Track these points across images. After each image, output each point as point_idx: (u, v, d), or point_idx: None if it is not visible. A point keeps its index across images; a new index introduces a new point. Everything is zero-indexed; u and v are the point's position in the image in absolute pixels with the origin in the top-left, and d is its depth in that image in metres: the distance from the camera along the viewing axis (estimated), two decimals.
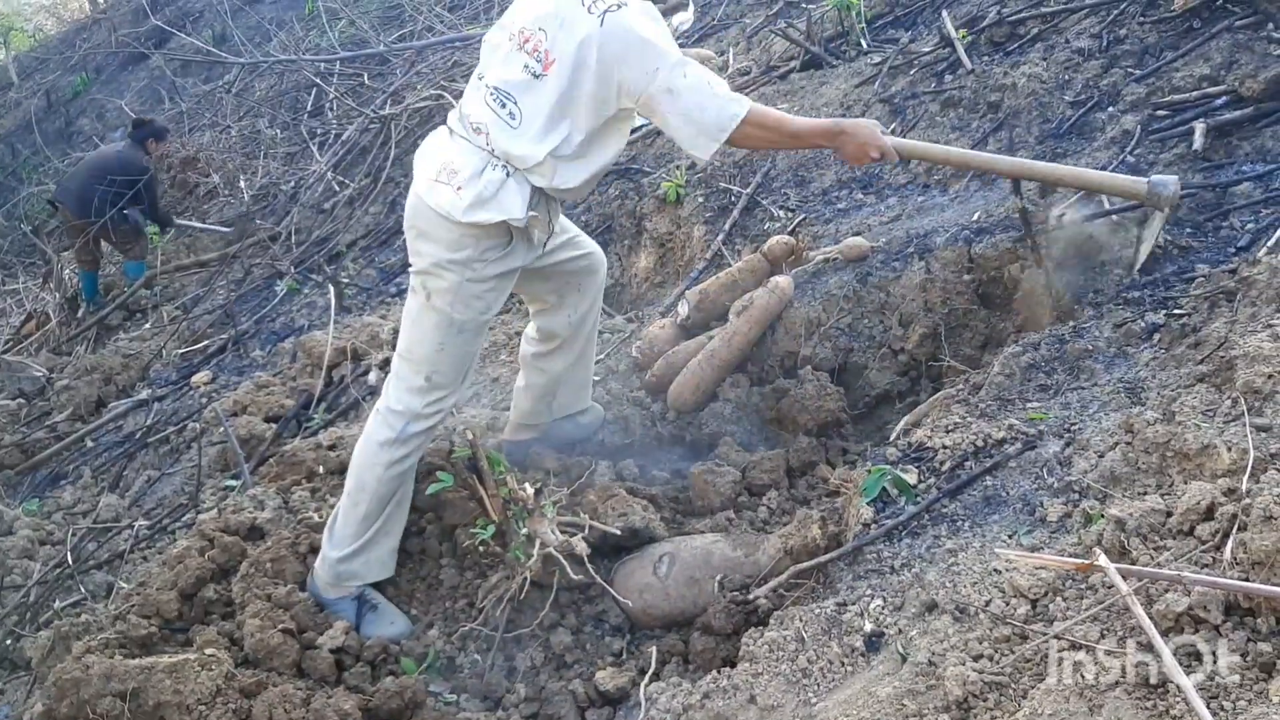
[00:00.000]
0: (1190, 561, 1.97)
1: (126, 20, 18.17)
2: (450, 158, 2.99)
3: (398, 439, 3.14)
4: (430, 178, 3.00)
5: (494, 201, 2.90)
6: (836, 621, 2.38)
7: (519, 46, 2.91)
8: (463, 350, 3.15)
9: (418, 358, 3.13)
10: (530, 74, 2.87)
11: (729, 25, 7.42)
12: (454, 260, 2.99)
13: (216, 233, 8.99)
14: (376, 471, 3.16)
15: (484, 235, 2.97)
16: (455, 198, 2.92)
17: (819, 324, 3.92)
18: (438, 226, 2.99)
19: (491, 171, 2.91)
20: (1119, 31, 4.42)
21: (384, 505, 3.20)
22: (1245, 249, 3.08)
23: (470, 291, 3.04)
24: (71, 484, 5.44)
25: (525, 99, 2.88)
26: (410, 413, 3.14)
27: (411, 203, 3.10)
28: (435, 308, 3.07)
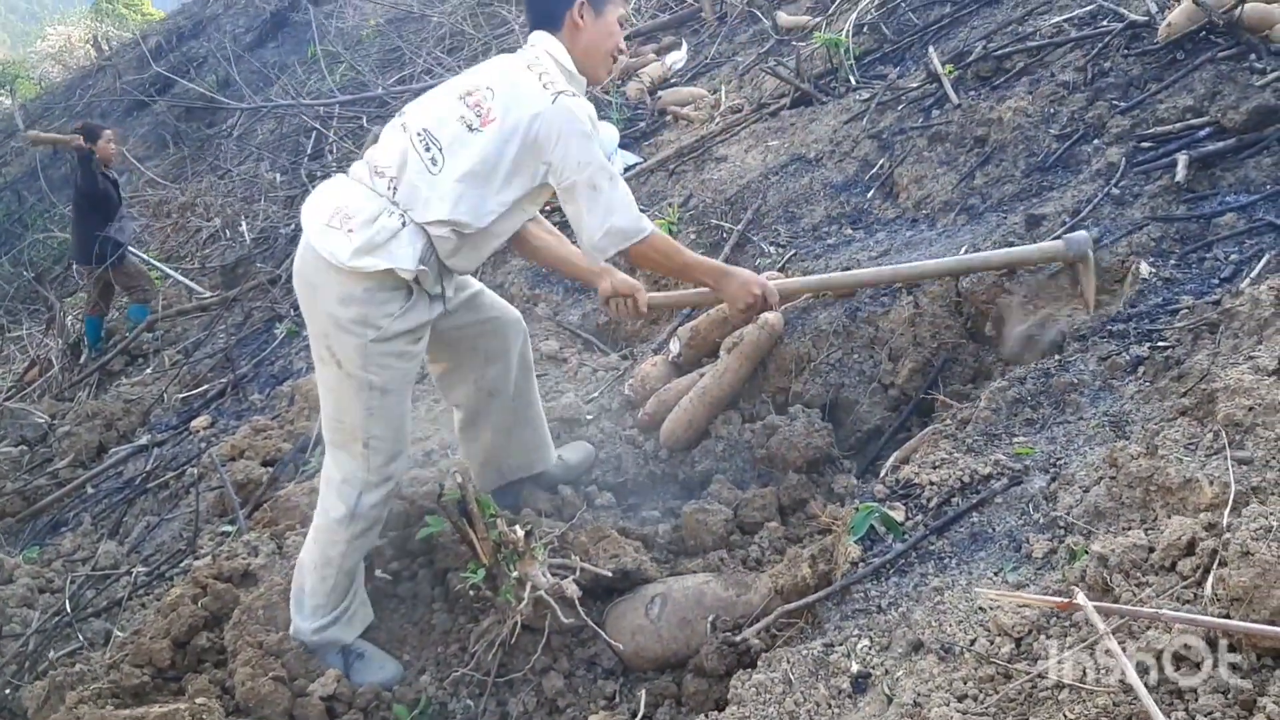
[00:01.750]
0: (1172, 598, 1.96)
1: (131, 67, 18.39)
2: (345, 202, 2.92)
3: (354, 514, 3.07)
4: (322, 222, 2.91)
5: (383, 249, 2.83)
6: (824, 662, 2.37)
7: (460, 99, 2.92)
8: (394, 411, 3.06)
9: (349, 426, 3.03)
10: (465, 125, 2.88)
11: (721, 64, 7.50)
12: (351, 319, 2.89)
13: (195, 291, 9.03)
14: (340, 548, 3.09)
15: (375, 287, 2.88)
16: (345, 240, 2.84)
17: (809, 360, 3.93)
18: (326, 276, 2.89)
19: (387, 219, 2.85)
20: (1103, 64, 4.46)
21: (353, 579, 3.16)
22: (1229, 280, 3.09)
23: (378, 352, 2.94)
24: (71, 531, 5.45)
25: (453, 148, 2.87)
26: (359, 482, 3.06)
27: (300, 253, 2.99)
28: (349, 374, 2.96)
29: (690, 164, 5.85)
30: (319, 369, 3.07)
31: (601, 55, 3.12)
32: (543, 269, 5.33)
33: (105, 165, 8.74)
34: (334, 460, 3.11)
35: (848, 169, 5.01)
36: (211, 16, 19.73)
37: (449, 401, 3.62)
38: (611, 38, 3.12)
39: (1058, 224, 3.74)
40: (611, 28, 3.11)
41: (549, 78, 2.91)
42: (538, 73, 2.92)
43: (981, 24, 5.53)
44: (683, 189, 5.61)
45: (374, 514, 3.12)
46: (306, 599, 3.17)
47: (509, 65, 2.99)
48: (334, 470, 3.10)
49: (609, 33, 3.10)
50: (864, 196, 4.79)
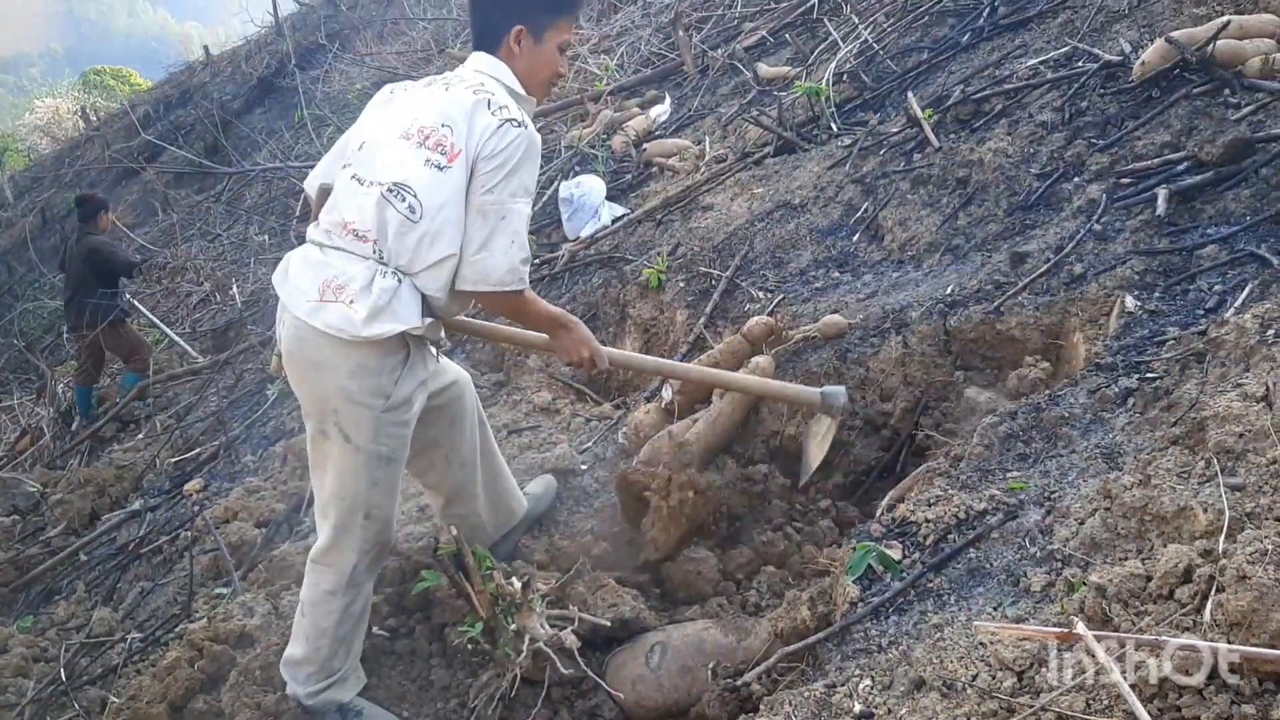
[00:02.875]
0: (1171, 625, 1.96)
1: (119, 136, 18.57)
2: (333, 273, 2.81)
3: (348, 583, 3.02)
4: (312, 299, 2.80)
5: (388, 311, 2.76)
6: (826, 704, 2.36)
7: (419, 144, 2.82)
8: (394, 478, 3.02)
9: (351, 500, 2.95)
10: (434, 167, 2.77)
11: (704, 115, 7.59)
12: (365, 391, 2.82)
13: (189, 355, 9.06)
14: (334, 618, 3.03)
15: (384, 353, 2.82)
16: (349, 312, 2.74)
17: None
18: (332, 352, 2.80)
19: (382, 279, 2.77)
20: (1080, 104, 4.53)
21: (347, 644, 3.10)
22: (1214, 310, 3.12)
23: (389, 421, 2.89)
24: (65, 599, 5.39)
25: (426, 192, 2.76)
26: (356, 552, 3.00)
27: (291, 334, 2.87)
28: (359, 448, 2.88)
29: (677, 214, 5.90)
30: (320, 446, 2.96)
31: (538, 82, 3.05)
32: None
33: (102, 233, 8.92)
34: (330, 536, 3.02)
35: (832, 214, 5.06)
36: (199, 85, 19.95)
37: (426, 486, 3.53)
38: (549, 65, 3.04)
39: (1042, 260, 3.78)
40: (549, 55, 3.02)
41: (497, 104, 2.83)
42: (485, 99, 2.83)
43: (959, 69, 5.62)
44: (670, 238, 5.65)
45: (364, 579, 3.09)
46: (301, 668, 3.11)
47: (456, 97, 2.87)
48: (329, 544, 3.02)
49: (547, 60, 3.03)
50: (850, 240, 4.83)
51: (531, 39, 2.98)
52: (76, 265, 8.67)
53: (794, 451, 3.99)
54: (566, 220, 6.57)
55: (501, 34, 2.96)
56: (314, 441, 2.98)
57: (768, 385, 3.72)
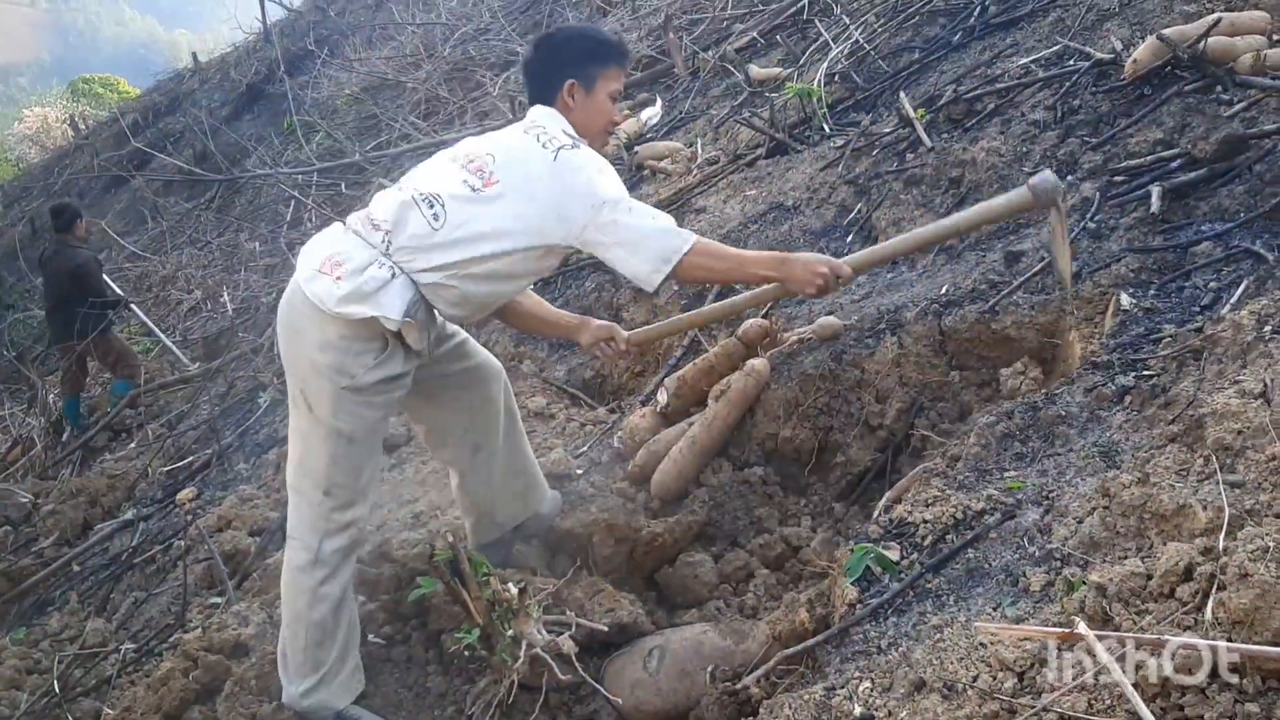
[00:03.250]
0: (1173, 624, 1.95)
1: (108, 144, 18.53)
2: (338, 250, 2.96)
3: (316, 560, 3.04)
4: (313, 268, 2.95)
5: (371, 298, 2.85)
6: (826, 707, 2.34)
7: (462, 166, 2.97)
8: (358, 461, 3.06)
9: (312, 472, 3.04)
10: (469, 188, 2.92)
11: (696, 117, 7.58)
12: (327, 365, 2.91)
13: (182, 363, 9.03)
14: (305, 598, 3.06)
15: (354, 336, 2.90)
16: (333, 286, 2.86)
17: (797, 404, 3.93)
18: (309, 320, 2.92)
19: (377, 269, 2.88)
20: (1073, 102, 4.52)
21: (327, 633, 3.09)
22: (1209, 307, 3.11)
23: (350, 400, 2.96)
24: (58, 610, 5.36)
25: (455, 207, 2.90)
26: (319, 530, 3.05)
27: (287, 295, 3.02)
28: (319, 419, 2.97)
29: (670, 216, 5.88)
30: (292, 412, 3.09)
31: (595, 132, 3.17)
32: None
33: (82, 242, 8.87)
34: (295, 506, 3.11)
35: (826, 215, 5.05)
36: (187, 92, 19.92)
37: (441, 461, 3.62)
38: (603, 114, 3.17)
39: (1036, 259, 3.77)
40: (602, 105, 3.14)
41: (547, 136, 2.96)
42: (535, 134, 2.97)
43: (950, 68, 5.62)
44: None
45: (335, 561, 3.08)
46: (289, 659, 3.14)
47: (509, 134, 3.07)
48: (295, 517, 3.11)
49: (600, 110, 3.15)
50: (843, 241, 4.82)
51: (584, 91, 3.11)
52: (61, 279, 8.60)
53: (789, 453, 3.98)
54: None
55: (555, 90, 3.10)
56: (291, 410, 3.11)
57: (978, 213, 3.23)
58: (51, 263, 8.73)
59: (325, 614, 3.08)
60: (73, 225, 8.73)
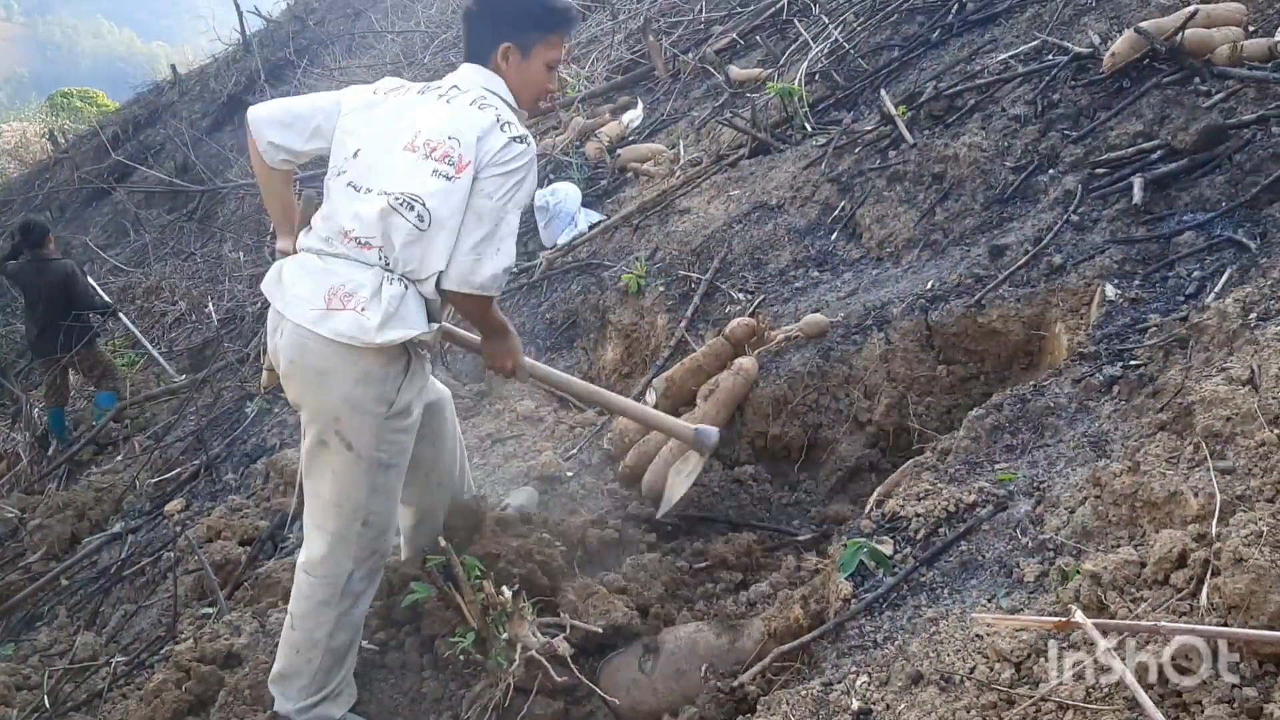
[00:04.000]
0: (1168, 610, 1.96)
1: (88, 158, 18.41)
2: (339, 280, 2.80)
3: (342, 593, 2.97)
4: (318, 307, 2.78)
5: (398, 317, 2.77)
6: (824, 702, 2.34)
7: (425, 156, 2.83)
8: (394, 485, 3.01)
9: (350, 508, 2.92)
10: (443, 178, 2.79)
11: (678, 119, 7.58)
12: (370, 399, 2.81)
13: (168, 374, 8.98)
14: (326, 628, 2.98)
15: (388, 360, 2.82)
16: (361, 319, 2.73)
17: (786, 402, 3.94)
18: (340, 360, 2.79)
19: (390, 286, 2.78)
20: (1052, 96, 4.55)
21: (342, 658, 3.05)
22: (1194, 296, 3.13)
23: (391, 428, 2.89)
24: (47, 625, 5.32)
25: (436, 200, 2.78)
26: (353, 559, 2.96)
27: (293, 343, 2.84)
28: (361, 455, 2.86)
29: (654, 218, 5.89)
30: (317, 454, 2.92)
31: (526, 100, 3.08)
32: None
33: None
34: (324, 544, 2.97)
35: (810, 213, 5.06)
36: (167, 104, 19.82)
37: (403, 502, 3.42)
38: (536, 84, 3.07)
39: (1020, 253, 3.79)
40: (536, 73, 3.04)
41: (500, 116, 2.88)
42: (494, 116, 2.87)
43: (930, 65, 5.64)
44: (648, 243, 5.64)
45: (361, 589, 3.04)
46: (292, 682, 3.06)
47: (460, 111, 2.89)
48: (323, 554, 2.97)
49: (534, 77, 3.05)
50: (828, 239, 4.83)
51: (519, 55, 3.01)
52: (53, 291, 8.55)
53: (779, 451, 3.99)
54: (543, 228, 6.55)
55: (489, 51, 3.00)
56: (312, 451, 2.94)
57: (654, 417, 3.78)
58: (40, 277, 8.67)
59: (345, 641, 3.05)
60: (45, 240, 8.70)
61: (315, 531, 3.00)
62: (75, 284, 8.60)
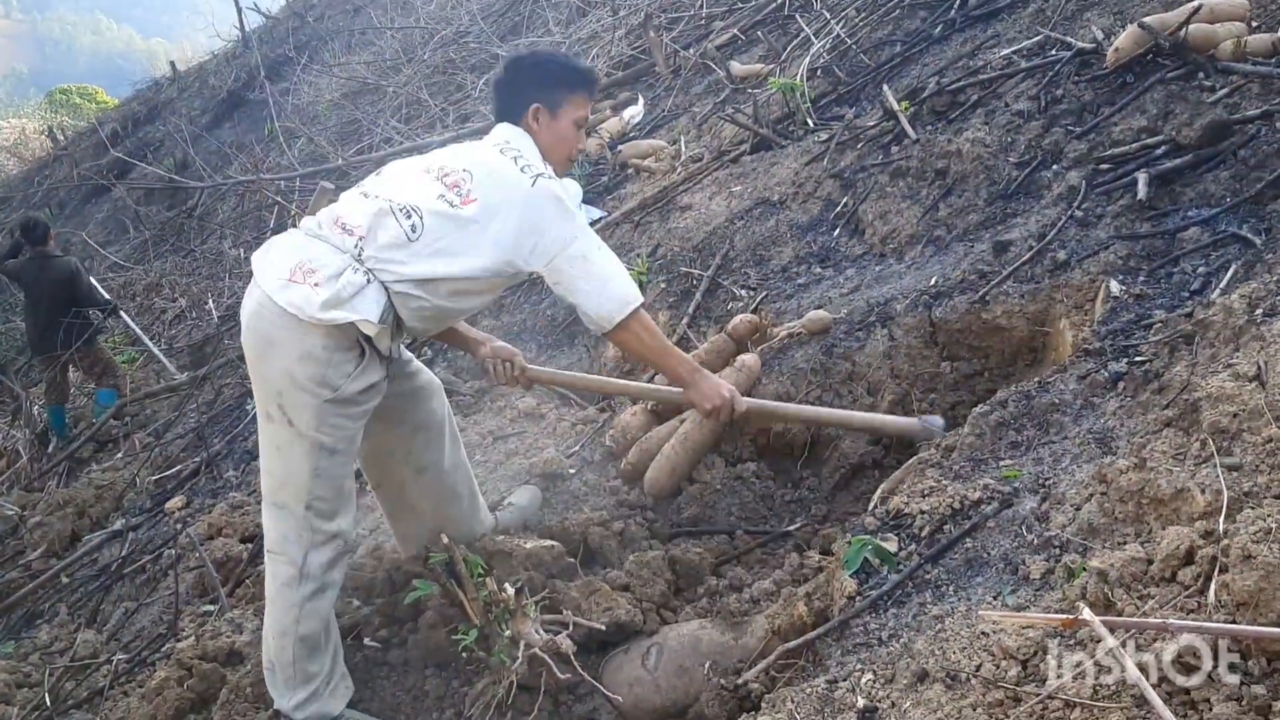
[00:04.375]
0: (1175, 608, 1.95)
1: (88, 154, 18.41)
2: (308, 256, 2.86)
3: (302, 575, 2.97)
4: (282, 277, 2.83)
5: (349, 303, 2.79)
6: (829, 700, 2.33)
7: (437, 179, 2.93)
8: (340, 471, 2.99)
9: (294, 487, 2.94)
10: (447, 203, 2.88)
11: (679, 115, 7.57)
12: (308, 378, 2.83)
13: (169, 371, 8.96)
14: (293, 613, 2.99)
15: (334, 345, 2.84)
16: (311, 293, 2.78)
17: (789, 399, 3.92)
18: (286, 331, 2.82)
19: (352, 274, 2.82)
20: (1056, 92, 4.53)
21: (317, 646, 3.04)
22: (1199, 292, 3.12)
23: (332, 412, 2.89)
24: (48, 623, 5.31)
25: (433, 222, 2.86)
26: (304, 543, 2.97)
27: (254, 308, 2.89)
28: (300, 433, 2.88)
29: (655, 215, 5.88)
30: (264, 427, 2.98)
31: (558, 158, 3.14)
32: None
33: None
34: (275, 521, 3.01)
35: (812, 209, 5.05)
36: (167, 100, 19.82)
37: (371, 482, 3.48)
38: (566, 142, 3.15)
39: (1024, 249, 3.78)
40: (566, 131, 3.13)
41: (524, 160, 2.95)
42: (512, 156, 2.95)
43: (933, 60, 5.62)
44: (650, 239, 5.63)
45: (324, 575, 3.02)
46: (277, 674, 3.07)
47: (481, 150, 3.02)
48: (276, 532, 3.01)
49: (564, 137, 3.13)
50: (830, 235, 4.82)
51: (549, 115, 3.10)
52: (57, 288, 8.54)
53: (781, 448, 3.97)
54: None
55: (520, 112, 3.09)
56: (261, 424, 3.00)
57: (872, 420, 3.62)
58: (42, 274, 8.67)
59: (314, 628, 3.03)
60: (46, 237, 8.69)
61: (269, 510, 3.04)
62: (79, 282, 8.60)
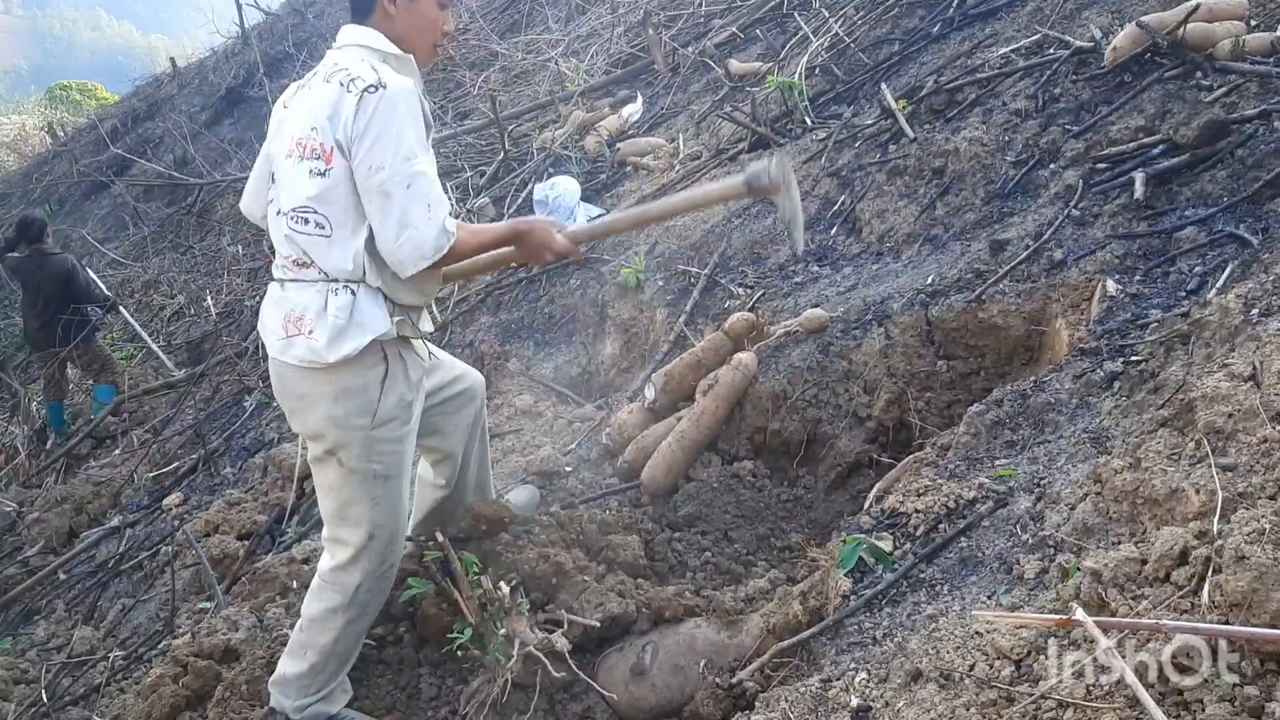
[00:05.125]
0: (1169, 608, 1.95)
1: (87, 151, 18.37)
2: (289, 306, 2.80)
3: (350, 602, 2.96)
4: (280, 336, 2.81)
5: (352, 327, 2.71)
6: (822, 699, 2.33)
7: (300, 159, 2.74)
8: (396, 495, 2.97)
9: (354, 520, 2.92)
10: (318, 175, 2.69)
11: (677, 113, 7.56)
12: (349, 413, 2.79)
13: (167, 368, 8.96)
14: (333, 634, 2.98)
15: (361, 369, 2.78)
16: (310, 342, 2.73)
17: (785, 397, 3.92)
18: (311, 383, 2.79)
19: (335, 298, 2.72)
20: (1053, 91, 4.53)
21: (344, 662, 3.05)
22: (1195, 292, 3.12)
23: (381, 439, 2.86)
24: (45, 619, 5.31)
25: (324, 205, 2.70)
26: (361, 572, 2.95)
27: (275, 372, 2.90)
28: (352, 470, 2.86)
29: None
30: (318, 472, 2.95)
31: (422, 45, 2.91)
32: None
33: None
34: (337, 555, 2.98)
35: (810, 208, 5.05)
36: (166, 97, 19.78)
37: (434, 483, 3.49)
38: (429, 23, 2.89)
39: (1021, 248, 3.78)
40: (427, 13, 2.86)
41: (349, 77, 2.69)
42: (338, 80, 2.71)
43: (931, 59, 5.62)
44: (647, 237, 5.62)
45: (368, 599, 3.03)
46: (293, 679, 3.05)
47: (314, 94, 2.77)
48: (334, 563, 2.99)
49: (425, 18, 2.87)
50: (828, 233, 4.82)
51: None
52: (54, 286, 8.54)
53: (778, 446, 3.97)
54: None
55: (374, 2, 2.83)
56: (314, 467, 2.97)
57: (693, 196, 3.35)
58: (40, 272, 8.66)
59: (349, 647, 3.05)
60: (43, 235, 8.69)
61: (330, 543, 3.02)
62: (74, 280, 8.60)
